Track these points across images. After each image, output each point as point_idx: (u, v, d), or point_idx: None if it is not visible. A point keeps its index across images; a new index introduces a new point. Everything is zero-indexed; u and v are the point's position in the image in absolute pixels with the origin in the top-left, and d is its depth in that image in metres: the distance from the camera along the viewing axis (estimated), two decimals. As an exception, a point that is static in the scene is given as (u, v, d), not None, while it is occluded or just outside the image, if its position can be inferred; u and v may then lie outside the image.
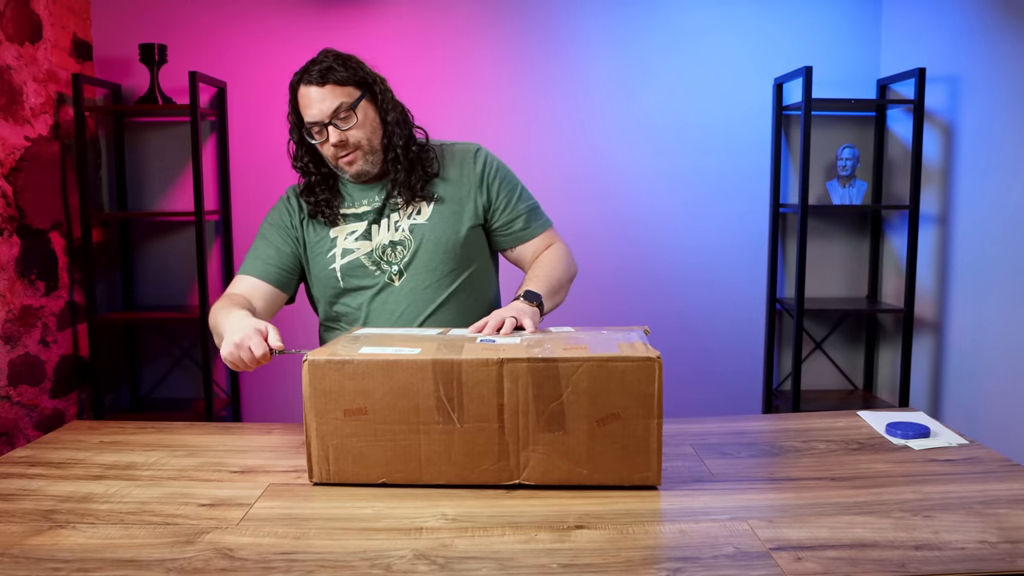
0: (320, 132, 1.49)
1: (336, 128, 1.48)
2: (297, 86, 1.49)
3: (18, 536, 1.03)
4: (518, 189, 1.64)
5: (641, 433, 1.15)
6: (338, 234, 1.57)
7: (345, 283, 1.56)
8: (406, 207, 1.56)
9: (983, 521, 1.05)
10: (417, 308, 1.55)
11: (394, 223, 1.56)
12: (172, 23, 2.84)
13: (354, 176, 1.54)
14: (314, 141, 1.51)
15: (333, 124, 1.48)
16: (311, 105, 1.47)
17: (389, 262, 1.56)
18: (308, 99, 1.47)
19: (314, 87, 1.47)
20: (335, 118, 1.47)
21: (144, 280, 2.96)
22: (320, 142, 1.50)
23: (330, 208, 1.57)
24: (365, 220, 1.57)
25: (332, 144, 1.49)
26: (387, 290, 1.56)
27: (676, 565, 0.94)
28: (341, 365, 1.16)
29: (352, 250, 1.56)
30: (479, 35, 2.87)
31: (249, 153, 2.90)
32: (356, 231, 1.57)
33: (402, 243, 1.55)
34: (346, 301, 1.58)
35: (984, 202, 2.43)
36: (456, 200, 1.58)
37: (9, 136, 2.39)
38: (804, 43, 2.90)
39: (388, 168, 1.57)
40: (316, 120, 1.48)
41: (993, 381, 2.40)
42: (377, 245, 1.56)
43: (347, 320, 1.60)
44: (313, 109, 1.47)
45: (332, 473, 1.19)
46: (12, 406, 2.39)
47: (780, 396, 2.99)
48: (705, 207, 2.97)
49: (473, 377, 1.15)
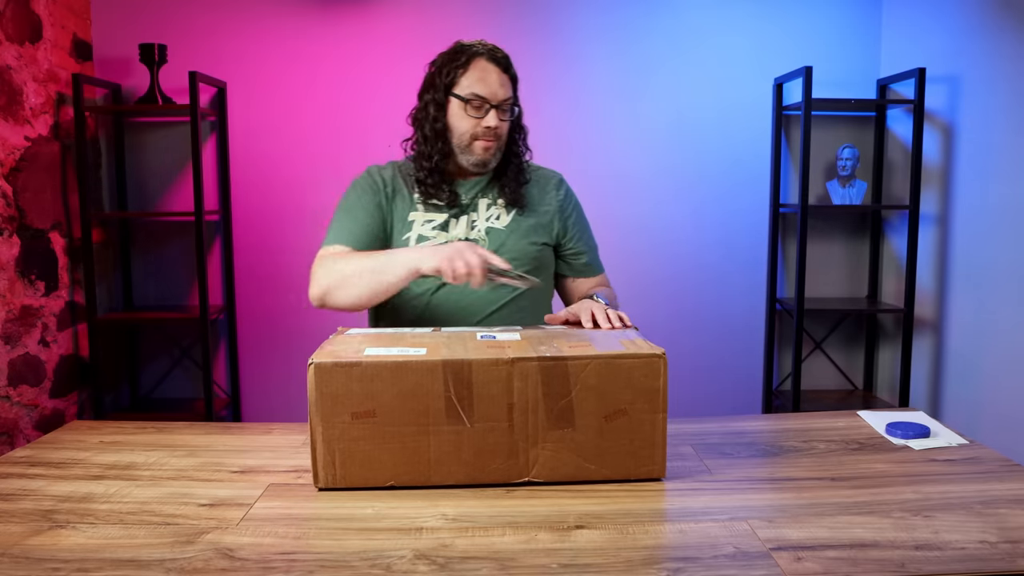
0: (480, 107, 1.50)
1: (498, 114, 1.51)
2: (474, 58, 1.51)
3: (18, 536, 1.03)
4: (588, 228, 1.71)
5: (647, 428, 1.18)
6: (416, 219, 1.57)
7: None
8: (487, 210, 1.59)
9: (983, 521, 1.05)
10: (480, 306, 1.55)
11: (471, 222, 1.58)
12: (172, 23, 2.84)
13: (477, 163, 1.56)
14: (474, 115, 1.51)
15: (500, 109, 1.51)
16: (489, 82, 1.50)
17: None
18: (488, 74, 1.50)
19: (498, 69, 1.51)
20: (503, 105, 1.51)
21: (144, 280, 2.96)
22: (476, 116, 1.51)
23: (432, 180, 1.55)
24: (445, 213, 1.57)
25: (487, 125, 1.51)
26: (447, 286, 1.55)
27: (676, 565, 0.94)
28: (349, 368, 1.15)
29: (428, 237, 1.56)
30: (479, 35, 2.85)
31: (249, 153, 2.90)
32: (434, 221, 1.57)
33: (476, 242, 1.56)
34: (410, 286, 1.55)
35: (984, 202, 2.43)
36: (534, 217, 1.62)
37: (9, 136, 2.39)
38: (804, 43, 2.91)
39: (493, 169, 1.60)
40: (487, 97, 1.50)
41: (993, 381, 2.40)
42: (452, 238, 1.56)
43: (406, 306, 1.58)
44: (492, 87, 1.50)
45: (339, 478, 1.17)
46: (12, 406, 2.39)
47: (780, 396, 2.99)
48: (705, 207, 2.97)
49: (483, 377, 1.15)
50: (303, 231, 2.93)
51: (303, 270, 2.94)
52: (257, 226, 2.94)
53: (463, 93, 1.51)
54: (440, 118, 1.54)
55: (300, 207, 2.92)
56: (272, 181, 2.92)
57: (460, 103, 1.51)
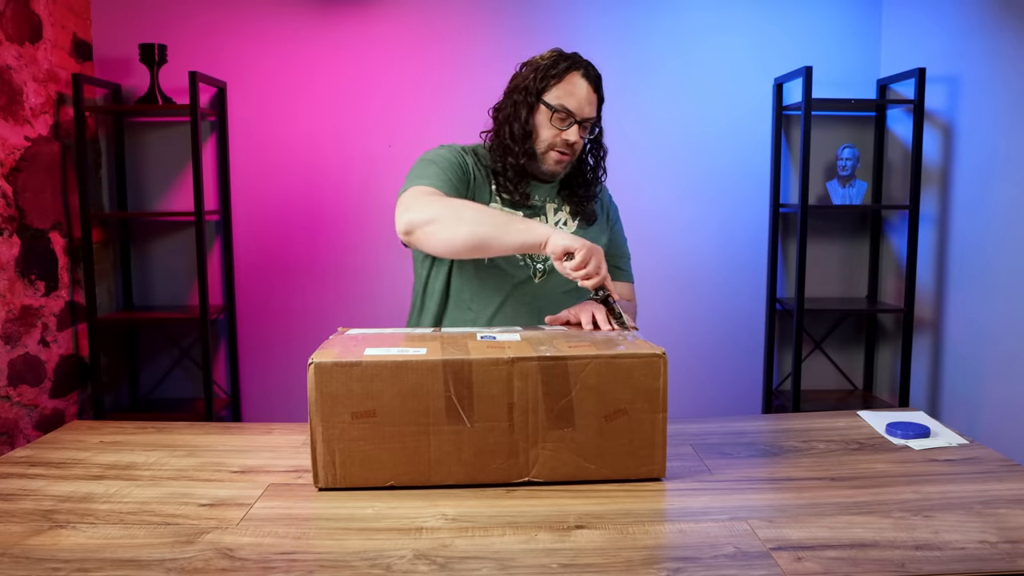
0: (564, 120, 1.51)
1: (578, 130, 1.52)
2: (569, 69, 1.51)
3: (18, 536, 1.03)
4: (624, 237, 1.77)
5: (647, 427, 1.18)
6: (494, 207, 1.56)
7: (488, 263, 1.54)
8: (554, 214, 1.61)
9: (983, 521, 1.05)
10: (553, 308, 1.55)
11: None
12: (172, 23, 2.84)
13: (548, 173, 1.57)
14: (558, 126, 1.51)
15: (582, 126, 1.53)
16: (579, 96, 1.51)
17: (533, 258, 1.57)
18: (580, 90, 1.51)
19: (589, 86, 1.52)
20: (585, 122, 1.53)
21: (144, 280, 2.96)
22: (559, 128, 1.52)
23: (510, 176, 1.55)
24: (519, 211, 1.57)
25: (567, 139, 1.51)
26: (529, 284, 1.56)
27: (676, 565, 0.94)
28: (349, 367, 1.15)
29: None
30: (479, 35, 2.87)
31: (249, 153, 2.90)
32: None
33: None
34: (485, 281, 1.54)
35: (984, 202, 2.43)
36: (596, 226, 1.66)
37: (9, 136, 2.39)
38: (804, 43, 2.91)
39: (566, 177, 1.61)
40: (574, 111, 1.51)
41: (993, 381, 2.40)
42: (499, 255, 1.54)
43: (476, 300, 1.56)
44: (581, 102, 1.51)
45: (339, 478, 1.17)
46: (12, 406, 2.39)
47: (780, 396, 2.99)
48: (705, 207, 2.97)
49: (483, 376, 1.15)
50: (303, 231, 2.93)
51: (303, 270, 2.96)
52: (257, 226, 2.94)
53: (553, 102, 1.51)
54: (529, 120, 1.54)
55: (300, 207, 2.92)
56: (272, 181, 2.92)
57: (547, 111, 1.52)
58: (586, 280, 1.33)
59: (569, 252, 1.32)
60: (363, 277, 2.92)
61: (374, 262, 2.92)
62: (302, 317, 2.95)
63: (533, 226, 1.36)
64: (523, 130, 1.53)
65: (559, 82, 1.51)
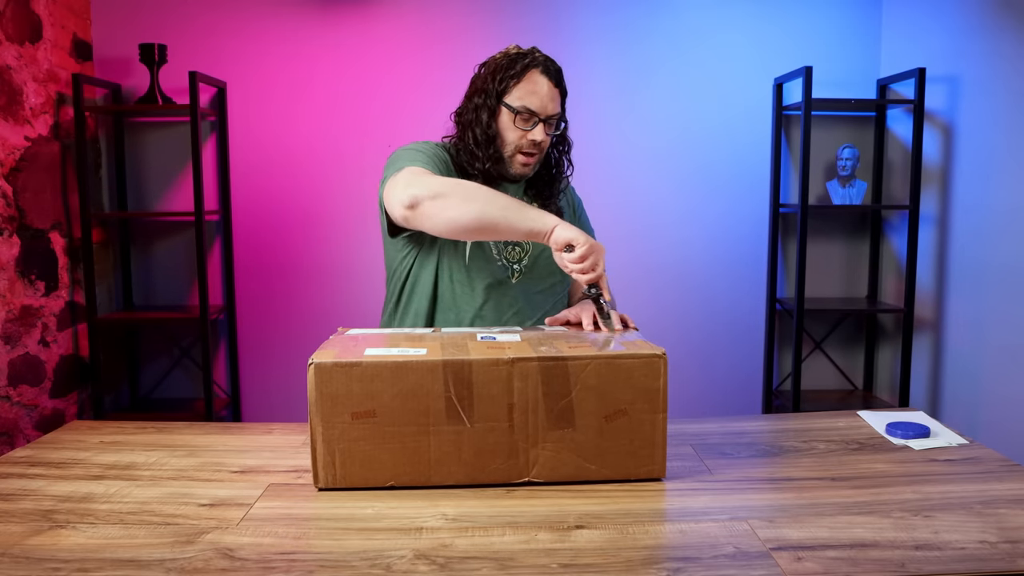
0: (528, 121, 1.49)
1: (544, 128, 1.50)
2: (528, 68, 1.48)
3: (18, 536, 1.03)
4: (590, 226, 1.75)
5: (647, 428, 1.18)
6: None
7: (469, 263, 1.53)
8: None
9: (983, 521, 1.05)
10: (531, 309, 1.55)
11: None
12: (172, 23, 2.84)
13: (516, 175, 1.55)
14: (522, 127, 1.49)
15: (547, 123, 1.50)
16: (541, 95, 1.48)
17: (509, 259, 1.56)
18: (541, 87, 1.48)
19: (550, 82, 1.49)
20: (549, 119, 1.50)
21: (144, 280, 2.96)
22: (524, 129, 1.49)
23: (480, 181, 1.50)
24: None
25: (532, 139, 1.49)
26: (506, 285, 1.55)
27: (676, 565, 0.94)
28: (349, 368, 1.15)
29: None
30: (479, 35, 2.87)
31: (249, 153, 2.90)
32: None
33: (520, 246, 1.56)
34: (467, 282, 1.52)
35: (984, 202, 2.43)
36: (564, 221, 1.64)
37: (9, 136, 2.39)
38: (804, 43, 2.91)
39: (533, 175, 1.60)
40: (537, 111, 1.48)
41: (993, 381, 2.40)
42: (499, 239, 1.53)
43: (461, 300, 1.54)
44: (543, 100, 1.48)
45: (339, 478, 1.17)
46: (12, 406, 2.39)
47: (780, 396, 2.99)
48: (705, 207, 2.97)
49: (483, 377, 1.15)
50: (303, 231, 2.93)
51: (303, 270, 2.96)
52: (257, 226, 2.94)
53: (515, 104, 1.48)
54: (492, 124, 1.51)
55: (300, 206, 2.92)
56: (272, 181, 2.92)
57: (510, 113, 1.49)
58: (581, 275, 1.33)
59: (571, 245, 1.32)
60: (363, 277, 2.92)
61: (374, 262, 2.92)
62: (302, 317, 2.95)
63: (543, 215, 1.35)
64: (486, 135, 1.50)
65: (519, 82, 1.48)
